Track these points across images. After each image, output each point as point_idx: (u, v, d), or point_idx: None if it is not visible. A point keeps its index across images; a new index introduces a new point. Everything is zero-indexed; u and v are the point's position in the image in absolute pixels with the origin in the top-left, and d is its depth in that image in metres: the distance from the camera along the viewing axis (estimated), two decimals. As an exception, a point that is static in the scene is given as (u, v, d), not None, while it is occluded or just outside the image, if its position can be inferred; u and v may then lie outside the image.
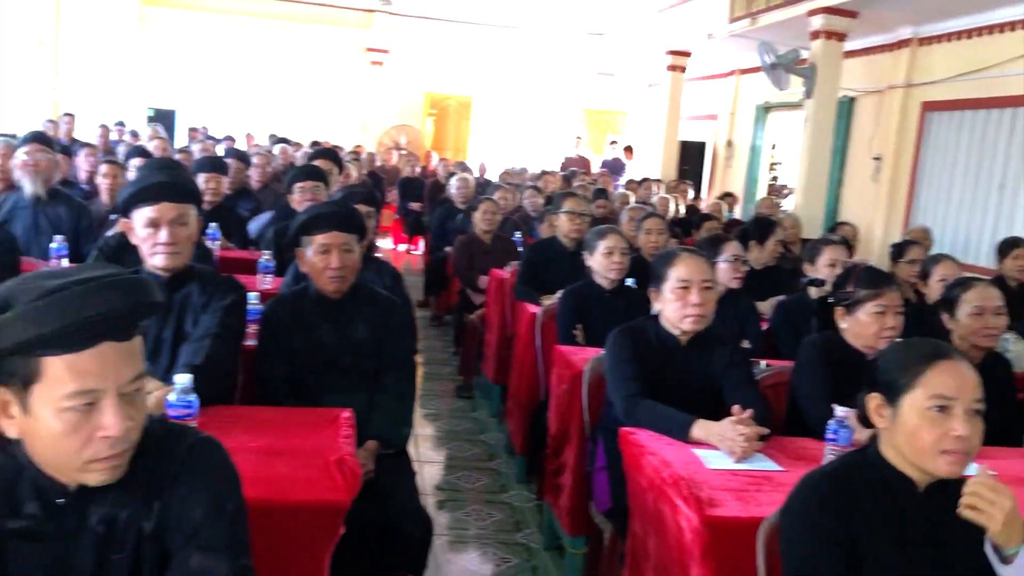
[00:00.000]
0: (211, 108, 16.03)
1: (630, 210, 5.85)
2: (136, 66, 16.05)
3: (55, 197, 4.66)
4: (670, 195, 8.95)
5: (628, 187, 10.52)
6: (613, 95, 17.45)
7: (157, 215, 2.53)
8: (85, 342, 1.23)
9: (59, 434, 1.26)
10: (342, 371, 2.81)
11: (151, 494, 1.37)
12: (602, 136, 17.21)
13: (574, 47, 16.55)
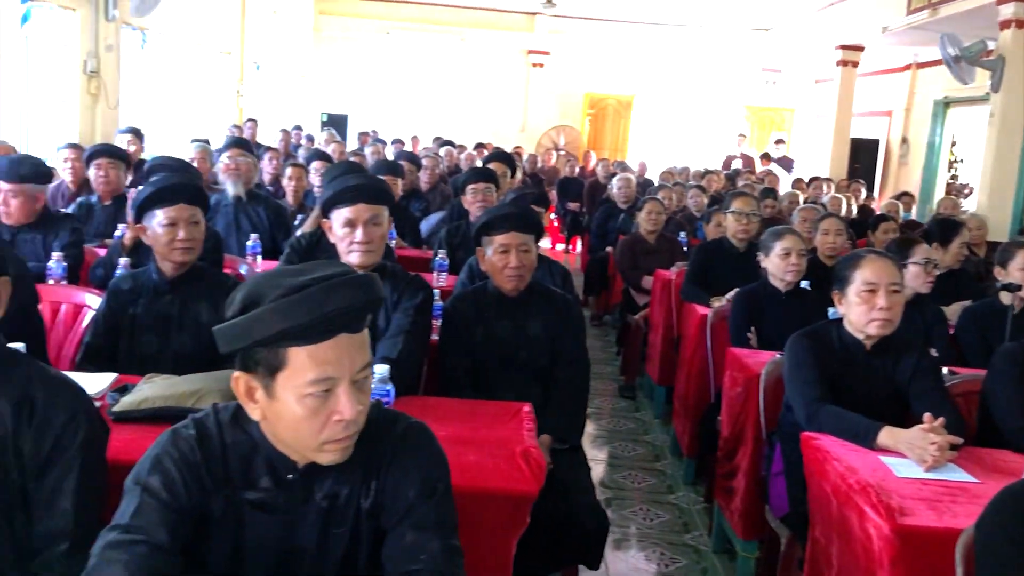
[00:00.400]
0: (380, 112, 16.69)
1: (803, 210, 5.69)
2: (311, 73, 16.93)
3: (253, 198, 5.01)
4: (841, 195, 8.62)
5: (796, 186, 10.21)
6: (778, 92, 16.97)
7: (354, 215, 2.69)
8: (325, 334, 1.35)
9: (301, 418, 1.38)
10: (518, 367, 2.90)
11: (369, 473, 1.48)
12: (766, 134, 16.76)
13: (738, 43, 16.19)
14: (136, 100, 10.44)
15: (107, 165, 4.89)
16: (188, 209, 2.79)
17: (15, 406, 1.64)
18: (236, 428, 1.49)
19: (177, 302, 2.80)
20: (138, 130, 7.59)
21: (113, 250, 3.70)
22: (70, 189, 5.51)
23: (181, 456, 1.45)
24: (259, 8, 13.83)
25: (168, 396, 2.20)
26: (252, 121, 11.39)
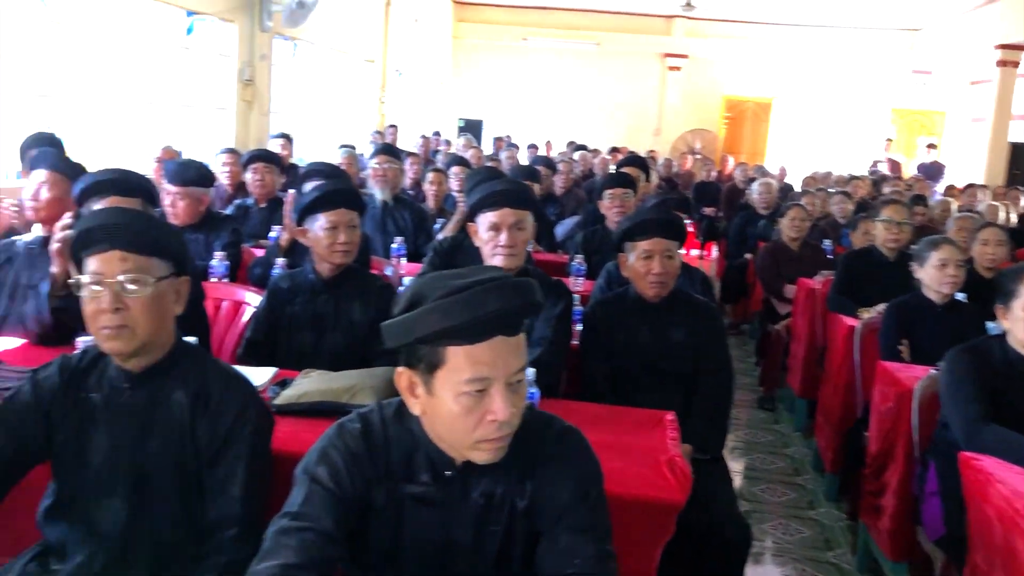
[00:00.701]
0: (514, 117, 16.87)
1: (960, 219, 5.40)
2: (448, 79, 17.29)
3: (398, 202, 5.17)
4: (999, 202, 8.14)
5: (949, 193, 9.70)
6: (928, 94, 16.17)
7: (499, 220, 2.74)
8: (483, 335, 1.39)
9: (456, 415, 1.42)
10: (659, 374, 2.88)
11: (524, 474, 1.51)
12: (914, 138, 16.00)
13: (886, 44, 15.55)
14: (285, 106, 10.93)
15: (263, 169, 5.14)
16: (348, 214, 2.90)
17: (193, 397, 1.75)
18: (399, 424, 1.54)
19: (332, 301, 2.92)
20: (288, 135, 7.94)
21: (270, 251, 3.89)
22: (227, 191, 5.82)
23: (347, 449, 1.52)
24: (401, 17, 14.23)
25: (325, 391, 2.30)
26: (393, 127, 11.73)
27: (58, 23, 6.60)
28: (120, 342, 1.70)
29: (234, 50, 9.07)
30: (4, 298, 3.12)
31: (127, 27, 7.55)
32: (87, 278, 1.71)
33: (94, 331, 1.72)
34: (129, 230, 1.71)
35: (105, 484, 1.73)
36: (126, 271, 1.69)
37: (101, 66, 7.49)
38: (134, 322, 1.69)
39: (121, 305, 1.68)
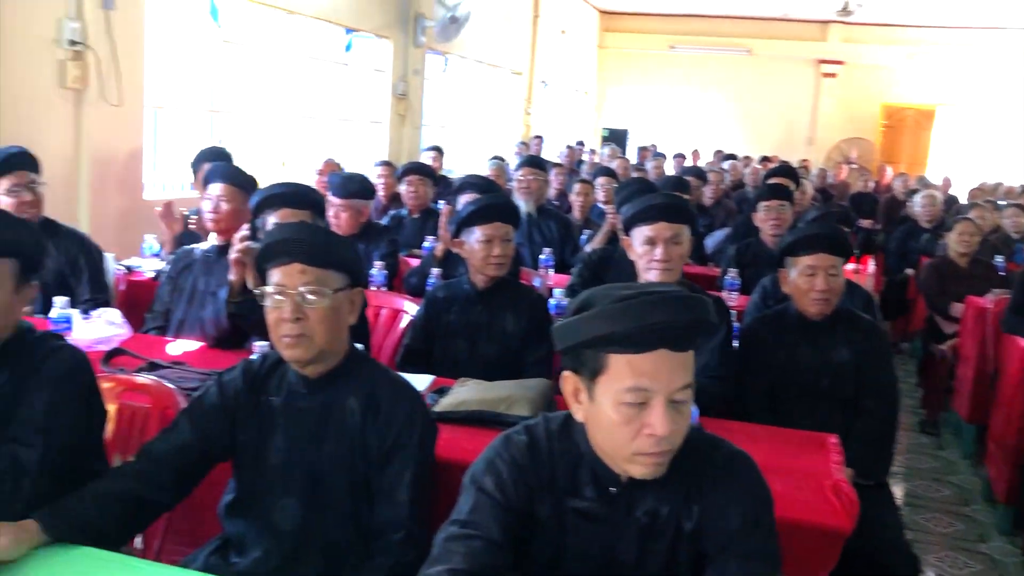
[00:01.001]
0: (659, 126, 16.71)
1: None
2: (593, 89, 17.31)
3: (544, 213, 5.21)
4: None
5: None
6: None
7: (655, 234, 2.72)
8: (646, 345, 1.38)
9: (615, 423, 1.42)
10: (820, 394, 2.79)
11: (691, 496, 1.49)
12: (1097, 146, 14.83)
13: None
14: (436, 119, 11.22)
15: (417, 181, 5.30)
16: (503, 227, 2.95)
17: (364, 404, 1.82)
18: (564, 437, 1.55)
19: (486, 312, 2.98)
20: (440, 148, 8.15)
21: (426, 261, 4.00)
22: (382, 203, 6.02)
23: (512, 460, 1.53)
24: (548, 29, 14.36)
25: (482, 400, 2.34)
26: (538, 138, 11.84)
27: (228, 42, 7.01)
28: (300, 350, 1.78)
29: (389, 65, 9.39)
30: (183, 302, 3.33)
31: (291, 45, 7.94)
32: (270, 289, 1.81)
33: (275, 339, 1.81)
34: (310, 245, 1.80)
35: (282, 484, 1.82)
36: (306, 283, 1.77)
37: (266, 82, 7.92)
38: (312, 331, 1.77)
39: (301, 315, 1.77)
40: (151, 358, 2.69)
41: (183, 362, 2.71)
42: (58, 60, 5.08)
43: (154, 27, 5.93)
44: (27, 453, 1.61)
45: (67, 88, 5.16)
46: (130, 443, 2.19)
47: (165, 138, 6.46)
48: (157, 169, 6.38)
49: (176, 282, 3.36)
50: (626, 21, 17.35)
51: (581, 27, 16.32)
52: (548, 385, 2.49)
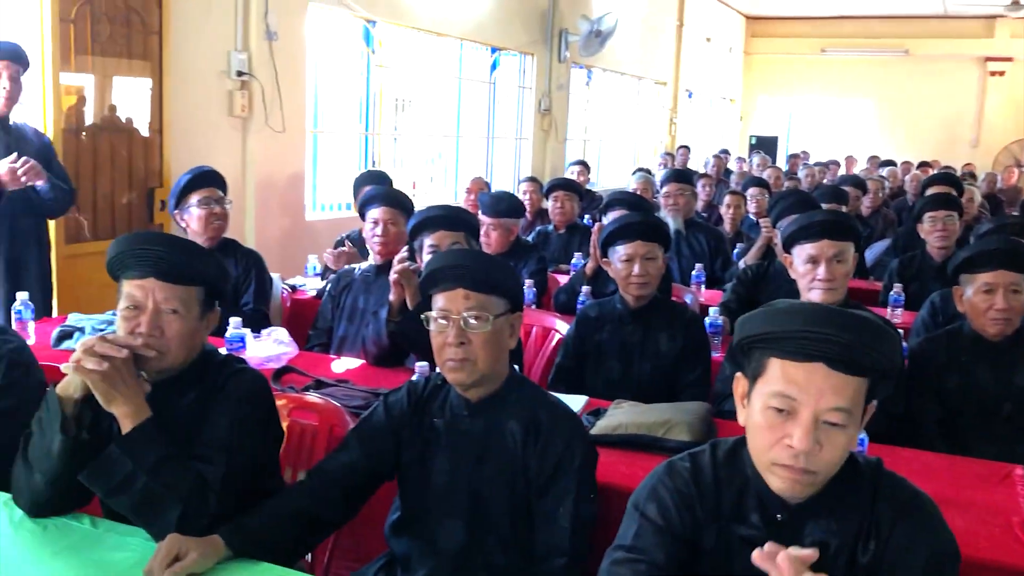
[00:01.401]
0: (811, 133, 16.17)
1: None
2: (739, 96, 16.94)
3: (693, 226, 5.13)
4: None
5: None
6: None
7: (817, 252, 2.63)
8: (803, 355, 1.35)
9: (758, 425, 1.40)
10: (1002, 420, 2.61)
11: (867, 531, 1.42)
12: None
13: None
14: (579, 132, 11.25)
15: (563, 197, 5.32)
16: (645, 246, 2.91)
17: (525, 428, 1.84)
18: (730, 464, 1.52)
19: (639, 331, 2.95)
20: (585, 162, 8.16)
21: (575, 278, 4.01)
22: (528, 219, 6.08)
23: (676, 488, 1.51)
24: (693, 37, 14.16)
25: (640, 424, 2.32)
26: (684, 148, 11.68)
27: (382, 66, 7.27)
28: (463, 373, 1.82)
29: (533, 81, 9.49)
30: (344, 320, 3.47)
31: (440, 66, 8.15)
32: (434, 313, 1.85)
33: (440, 362, 1.86)
34: (473, 271, 1.84)
35: (445, 505, 1.86)
36: (469, 308, 1.81)
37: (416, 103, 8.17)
38: (475, 355, 1.81)
39: (464, 339, 1.81)
40: (317, 376, 2.80)
41: (347, 380, 2.81)
42: (227, 90, 5.42)
43: (313, 55, 6.22)
44: (211, 471, 1.71)
45: (234, 116, 5.48)
46: (300, 459, 2.29)
47: (323, 161, 6.75)
48: (317, 190, 6.67)
49: (337, 300, 3.50)
50: (773, 26, 16.90)
51: (726, 34, 16.01)
52: (707, 409, 2.44)
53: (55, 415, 1.69)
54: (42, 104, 4.30)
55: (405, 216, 3.41)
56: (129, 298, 1.76)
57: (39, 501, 1.75)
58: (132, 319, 1.75)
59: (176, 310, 1.76)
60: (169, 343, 1.76)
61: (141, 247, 1.77)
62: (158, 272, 1.75)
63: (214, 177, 3.57)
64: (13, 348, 2.10)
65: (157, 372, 1.77)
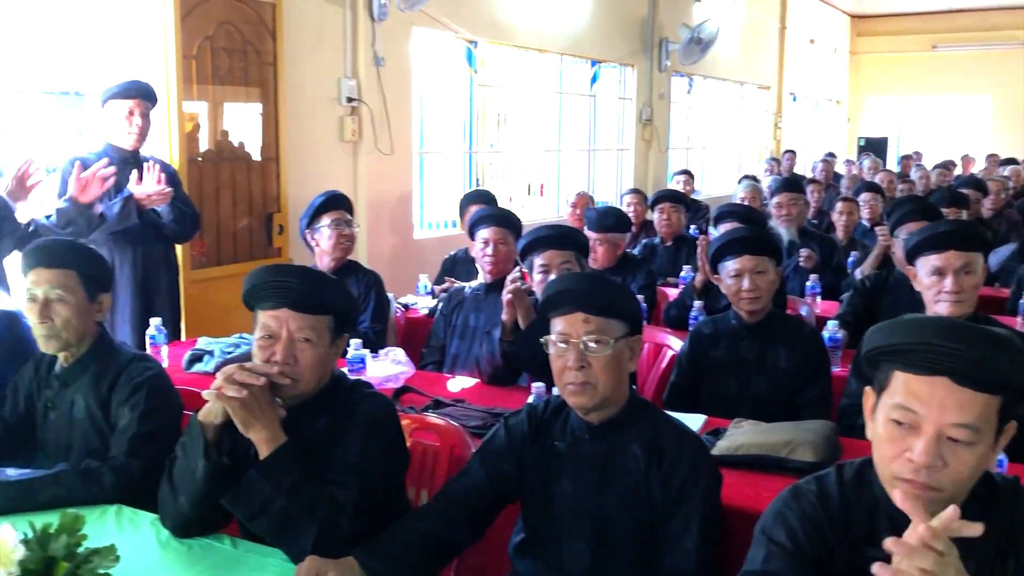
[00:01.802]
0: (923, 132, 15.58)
1: None
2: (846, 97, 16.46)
3: (805, 235, 5.03)
4: None
5: None
6: None
7: (943, 264, 2.55)
8: (926, 369, 1.32)
9: (881, 438, 1.38)
10: None
11: (1005, 548, 1.38)
12: None
13: None
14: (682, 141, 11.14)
15: (670, 209, 5.28)
16: (753, 260, 2.85)
17: (647, 451, 1.84)
18: (859, 485, 1.49)
19: (755, 347, 2.90)
20: (690, 171, 8.07)
21: (685, 292, 3.97)
22: (632, 231, 6.04)
23: (803, 512, 1.49)
24: (796, 39, 13.85)
25: (763, 444, 2.28)
26: (790, 152, 11.40)
27: (484, 85, 7.37)
28: (584, 397, 1.83)
29: (633, 92, 9.45)
30: (456, 339, 3.53)
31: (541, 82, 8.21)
32: (554, 337, 1.87)
33: (560, 386, 1.88)
34: (592, 294, 1.85)
35: (569, 528, 1.87)
36: (589, 332, 1.82)
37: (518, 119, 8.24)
38: (596, 379, 1.82)
39: (585, 363, 1.82)
40: (435, 395, 2.86)
41: (463, 399, 2.85)
42: (338, 116, 5.59)
43: (417, 77, 6.36)
44: (344, 494, 1.77)
45: (345, 141, 5.65)
46: (422, 479, 2.34)
47: (429, 179, 6.89)
48: (424, 209, 6.81)
49: (449, 319, 3.57)
50: (881, 24, 16.36)
51: (831, 34, 15.60)
52: (832, 428, 2.39)
53: (197, 441, 1.78)
54: (167, 135, 4.53)
55: (514, 235, 3.45)
56: (264, 328, 1.85)
57: (184, 523, 1.85)
58: (268, 348, 1.84)
59: (308, 339, 1.84)
60: (303, 371, 1.83)
61: (276, 279, 1.86)
62: (292, 303, 1.84)
63: (343, 200, 3.80)
64: (154, 374, 2.24)
65: (291, 398, 1.85)
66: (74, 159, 3.89)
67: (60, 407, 2.26)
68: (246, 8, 4.87)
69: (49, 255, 2.24)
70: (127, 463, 2.08)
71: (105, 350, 2.28)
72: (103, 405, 2.21)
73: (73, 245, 2.35)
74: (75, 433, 2.23)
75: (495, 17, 7.06)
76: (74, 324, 2.20)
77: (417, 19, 6.06)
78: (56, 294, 2.19)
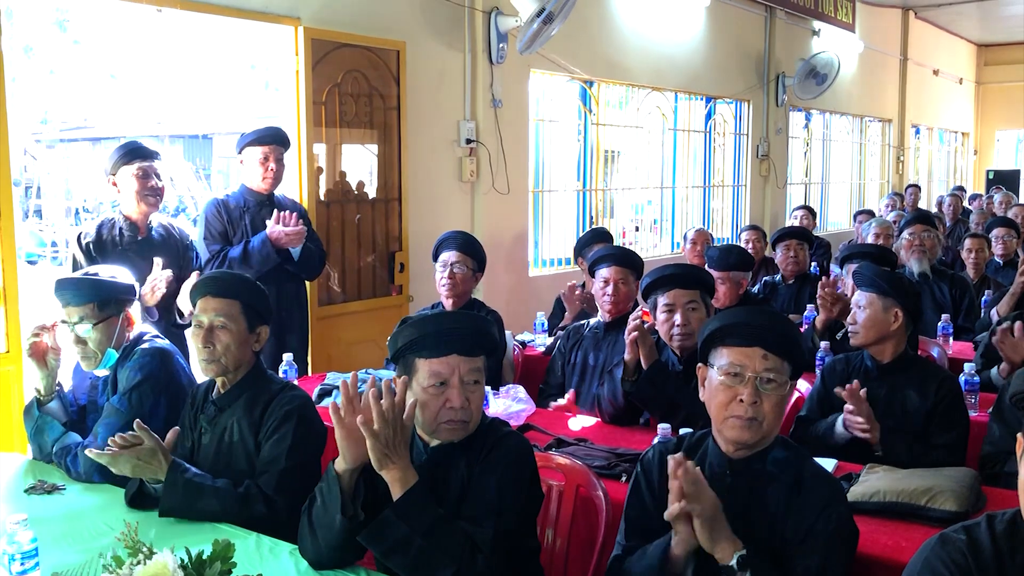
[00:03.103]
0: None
1: None
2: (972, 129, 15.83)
3: (936, 273, 4.86)
4: None
5: None
6: None
7: None
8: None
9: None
10: None
11: None
12: None
13: None
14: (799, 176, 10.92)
15: (795, 246, 5.18)
16: (867, 296, 2.83)
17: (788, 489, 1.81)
18: (1013, 536, 1.43)
19: (886, 387, 2.81)
20: (810, 207, 7.90)
21: (807, 334, 3.88)
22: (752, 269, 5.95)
23: (954, 563, 1.44)
24: (919, 70, 13.43)
25: (900, 491, 2.20)
26: (914, 187, 11.02)
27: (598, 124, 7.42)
28: (748, 432, 1.82)
29: (749, 127, 9.34)
30: (575, 377, 3.55)
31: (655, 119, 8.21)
32: (725, 366, 1.85)
33: (720, 417, 1.85)
34: (774, 331, 1.84)
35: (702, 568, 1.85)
36: (768, 368, 1.82)
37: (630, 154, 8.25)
38: (763, 416, 1.81)
39: (757, 399, 1.80)
40: (556, 434, 2.88)
41: (585, 438, 2.86)
42: (457, 157, 5.73)
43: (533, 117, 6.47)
44: (481, 533, 1.79)
45: (464, 181, 5.78)
46: (547, 518, 2.35)
47: (544, 217, 6.96)
48: (539, 247, 6.87)
49: (567, 357, 3.59)
50: (1008, 52, 15.70)
51: (956, 64, 15.05)
52: (974, 476, 2.29)
53: (335, 495, 1.85)
54: (297, 177, 4.74)
55: (635, 275, 3.46)
56: (435, 376, 1.90)
57: (321, 559, 1.93)
58: (440, 395, 1.90)
59: (478, 380, 1.93)
60: (475, 412, 1.91)
61: (445, 327, 1.93)
62: (461, 349, 1.91)
63: (457, 241, 3.81)
64: (302, 403, 2.36)
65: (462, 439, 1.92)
66: (215, 201, 4.13)
67: (214, 431, 2.39)
68: (372, 55, 5.07)
69: (217, 285, 2.40)
70: (276, 498, 2.19)
71: (259, 378, 2.42)
72: (254, 429, 2.33)
73: (239, 277, 2.51)
74: (225, 455, 2.36)
75: (610, 57, 7.12)
76: (233, 351, 2.35)
77: (534, 61, 6.17)
78: (220, 321, 2.34)
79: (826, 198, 11.81)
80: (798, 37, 9.84)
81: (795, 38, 9.76)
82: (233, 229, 4.00)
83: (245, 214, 4.03)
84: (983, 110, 16.15)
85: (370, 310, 5.19)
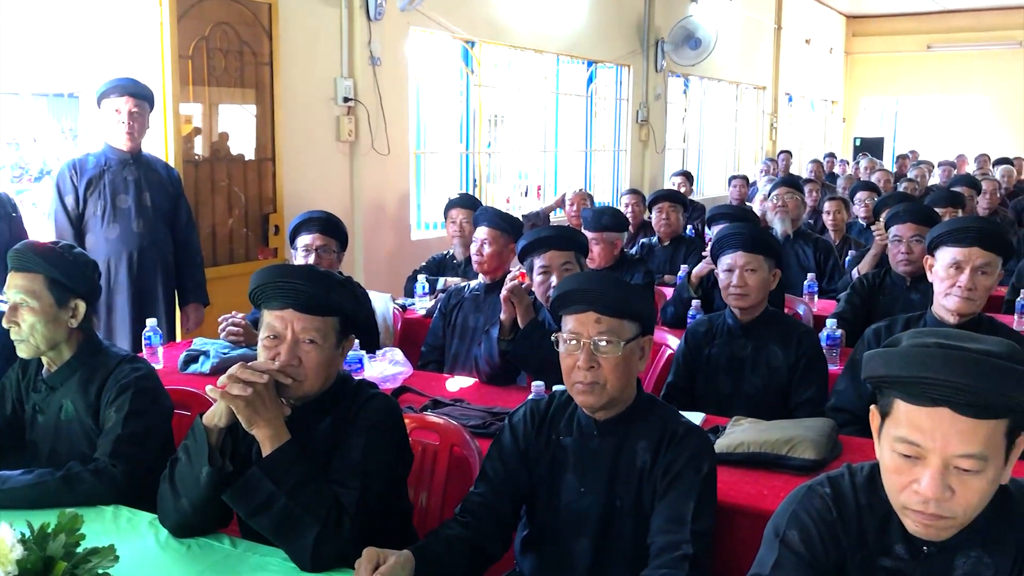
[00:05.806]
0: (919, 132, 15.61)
1: None
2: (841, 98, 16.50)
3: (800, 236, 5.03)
4: None
5: None
6: None
7: (964, 258, 2.57)
8: (925, 399, 1.28)
9: (887, 467, 1.37)
10: None
11: (1017, 558, 1.37)
12: None
13: None
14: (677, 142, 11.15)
15: (668, 208, 5.27)
16: (745, 256, 2.86)
17: (655, 446, 1.84)
18: (871, 491, 1.46)
19: (750, 345, 2.89)
20: (688, 172, 8.08)
21: (681, 287, 3.97)
22: (630, 231, 6.04)
23: (818, 513, 1.47)
24: (792, 40, 13.88)
25: (763, 442, 2.27)
26: (786, 153, 11.42)
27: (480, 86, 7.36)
28: (592, 397, 1.83)
29: (630, 92, 9.46)
30: (455, 338, 3.53)
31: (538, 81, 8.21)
32: (565, 335, 1.87)
33: (568, 384, 1.87)
34: (605, 295, 1.84)
35: (574, 524, 1.87)
36: (600, 332, 1.82)
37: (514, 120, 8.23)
38: (605, 379, 1.82)
39: (594, 363, 1.81)
40: (433, 395, 2.85)
41: (462, 399, 2.84)
42: (334, 116, 5.58)
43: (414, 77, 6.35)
44: (347, 494, 1.75)
45: (342, 141, 5.64)
46: (422, 479, 2.33)
47: (426, 180, 6.88)
48: (421, 209, 6.80)
49: (448, 318, 3.56)
50: (875, 24, 16.41)
51: (826, 35, 15.63)
52: (832, 426, 2.38)
53: (202, 446, 1.76)
54: (164, 136, 4.52)
55: (506, 236, 3.45)
56: (269, 328, 1.84)
57: (184, 524, 1.84)
58: (272, 348, 1.82)
59: (313, 340, 1.82)
60: (307, 372, 1.82)
61: (282, 279, 1.83)
62: (297, 304, 1.82)
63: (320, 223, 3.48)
64: (141, 376, 2.20)
65: (295, 399, 1.84)
66: (69, 163, 3.87)
67: (48, 411, 2.23)
68: (242, 8, 4.86)
69: (16, 259, 2.18)
70: (109, 466, 2.04)
71: (92, 354, 2.25)
72: (91, 408, 2.18)
73: (44, 247, 2.24)
74: (64, 437, 2.21)
75: (492, 17, 7.06)
76: (40, 329, 2.15)
77: (414, 19, 6.05)
78: (20, 298, 2.14)
79: (703, 163, 12.11)
80: (677, 3, 9.98)
81: (674, 4, 9.90)
82: (89, 189, 3.77)
83: (106, 172, 3.80)
84: (851, 79, 16.85)
85: (243, 274, 5.02)
